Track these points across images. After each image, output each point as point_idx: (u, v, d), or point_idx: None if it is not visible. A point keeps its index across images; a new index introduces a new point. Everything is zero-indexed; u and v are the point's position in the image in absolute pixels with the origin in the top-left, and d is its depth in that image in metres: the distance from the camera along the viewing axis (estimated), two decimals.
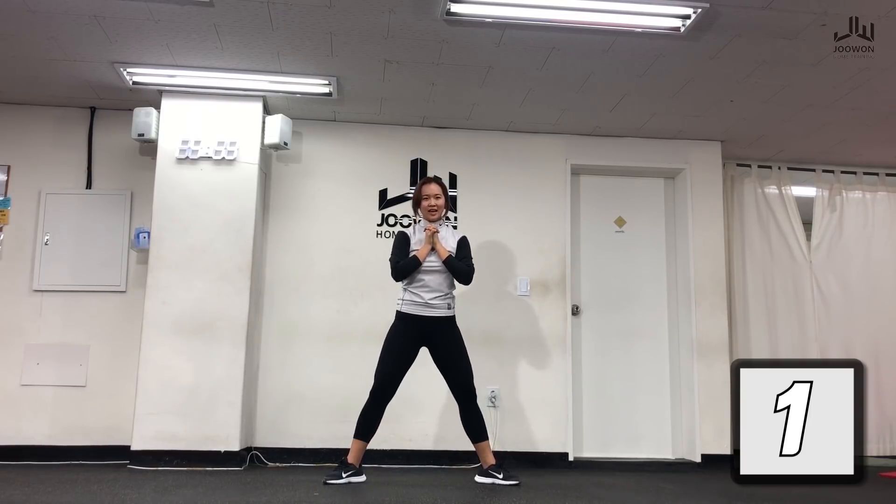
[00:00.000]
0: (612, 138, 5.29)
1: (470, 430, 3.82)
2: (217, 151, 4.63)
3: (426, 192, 3.94)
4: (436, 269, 3.83)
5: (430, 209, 3.91)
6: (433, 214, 3.91)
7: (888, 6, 3.46)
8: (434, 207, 3.91)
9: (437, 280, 3.83)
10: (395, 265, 3.84)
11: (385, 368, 3.77)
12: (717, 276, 5.21)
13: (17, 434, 4.59)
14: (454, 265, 3.82)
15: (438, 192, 3.94)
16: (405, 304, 3.84)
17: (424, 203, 3.93)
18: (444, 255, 3.81)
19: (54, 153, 4.91)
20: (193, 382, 4.41)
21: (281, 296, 4.88)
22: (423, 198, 3.94)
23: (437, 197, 3.92)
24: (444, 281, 3.85)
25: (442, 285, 3.84)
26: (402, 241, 3.92)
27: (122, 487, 3.53)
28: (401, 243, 3.91)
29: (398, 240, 3.94)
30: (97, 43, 4.04)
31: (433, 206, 3.91)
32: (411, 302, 3.82)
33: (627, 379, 5.22)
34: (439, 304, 3.82)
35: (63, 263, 4.79)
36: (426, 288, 3.81)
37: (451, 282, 3.88)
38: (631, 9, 3.58)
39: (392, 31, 3.83)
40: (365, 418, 3.75)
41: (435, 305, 3.81)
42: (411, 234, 3.95)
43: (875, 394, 5.37)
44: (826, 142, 5.28)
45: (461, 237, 3.99)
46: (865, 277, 5.61)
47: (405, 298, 3.85)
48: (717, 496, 3.67)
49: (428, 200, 3.92)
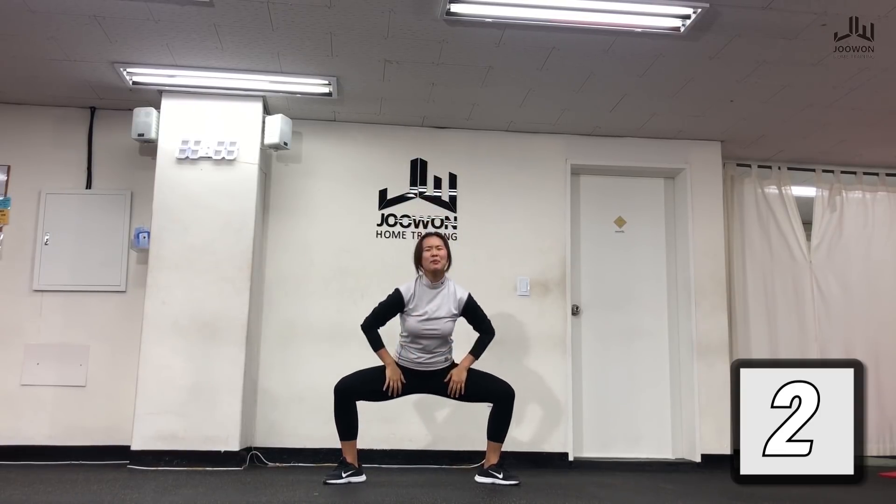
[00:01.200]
0: (612, 138, 5.29)
1: (493, 426, 3.82)
2: (217, 151, 4.63)
3: (427, 244, 3.85)
4: (435, 335, 3.78)
5: (433, 260, 3.80)
6: (436, 265, 3.81)
7: (888, 6, 3.46)
8: (437, 258, 3.81)
9: (434, 343, 3.81)
10: (365, 328, 3.84)
11: (361, 385, 3.78)
12: (717, 276, 5.21)
13: (17, 434, 4.59)
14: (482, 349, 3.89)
15: (440, 243, 3.86)
16: (401, 360, 3.85)
17: (427, 254, 3.82)
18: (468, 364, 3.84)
19: (54, 153, 4.91)
20: (193, 382, 4.41)
21: (281, 296, 4.88)
22: (426, 249, 3.84)
23: (439, 248, 3.83)
24: (443, 343, 3.83)
25: (440, 347, 3.83)
26: (391, 305, 3.82)
27: (122, 487, 3.53)
28: (389, 307, 3.83)
29: (389, 302, 3.83)
30: (97, 43, 4.04)
31: (435, 256, 3.80)
32: (407, 359, 3.83)
33: (627, 379, 5.22)
34: (435, 361, 3.84)
35: (63, 263, 4.79)
36: (423, 350, 3.80)
37: (447, 339, 3.85)
38: (631, 9, 3.58)
39: (392, 31, 3.83)
40: (341, 419, 3.74)
41: (431, 363, 3.83)
42: (406, 296, 3.81)
43: (875, 394, 5.37)
44: (826, 142, 5.28)
45: (467, 300, 3.87)
46: (865, 277, 5.61)
47: (401, 354, 3.85)
48: (717, 496, 3.67)
49: (430, 251, 3.82)
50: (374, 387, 3.80)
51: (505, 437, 3.84)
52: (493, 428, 3.82)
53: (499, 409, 3.81)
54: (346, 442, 3.75)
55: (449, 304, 3.82)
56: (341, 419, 3.73)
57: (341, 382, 3.76)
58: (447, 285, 3.88)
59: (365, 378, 3.81)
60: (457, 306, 3.85)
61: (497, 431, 3.81)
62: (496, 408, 3.82)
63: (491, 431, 3.82)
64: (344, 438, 3.75)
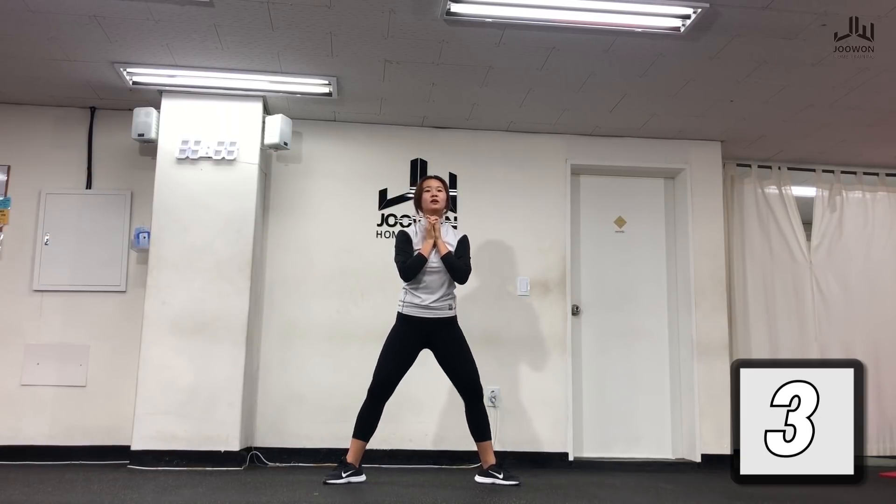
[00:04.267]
0: (612, 138, 5.29)
1: (474, 428, 3.82)
2: (217, 151, 4.63)
3: (427, 186, 3.96)
4: (436, 270, 3.82)
5: (432, 200, 3.90)
6: (435, 205, 3.91)
7: (888, 6, 3.46)
8: (437, 199, 3.91)
9: (437, 281, 3.82)
10: (402, 265, 3.83)
11: (384, 369, 3.78)
12: (717, 276, 5.21)
13: (17, 434, 4.59)
14: (452, 263, 3.82)
15: (440, 185, 3.96)
16: (406, 307, 3.83)
17: (426, 195, 3.92)
18: (444, 250, 3.81)
19: (54, 153, 4.91)
20: (193, 382, 4.41)
21: (281, 296, 4.88)
22: (425, 190, 3.94)
23: (439, 189, 3.94)
24: (446, 281, 3.84)
25: (443, 286, 3.83)
26: (404, 241, 3.91)
27: (122, 487, 3.53)
28: (404, 243, 3.90)
29: (400, 239, 3.93)
30: (97, 43, 4.04)
31: (435, 196, 3.91)
32: (412, 304, 3.81)
33: (627, 379, 5.22)
34: (440, 305, 3.82)
35: (63, 263, 4.79)
36: (427, 289, 3.81)
37: (451, 282, 3.87)
38: (631, 9, 3.58)
39: (392, 31, 3.83)
40: (363, 418, 3.75)
41: (436, 307, 3.80)
42: (412, 234, 3.94)
43: (875, 394, 5.37)
44: (826, 142, 5.28)
45: (462, 236, 3.99)
46: (865, 277, 5.61)
47: (406, 300, 3.84)
48: (717, 496, 3.67)
49: (430, 192, 3.92)
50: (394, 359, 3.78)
51: (490, 433, 3.83)
52: (476, 430, 3.82)
53: (472, 411, 3.81)
54: (359, 441, 3.75)
55: (448, 237, 3.92)
56: (365, 418, 3.74)
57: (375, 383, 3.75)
58: (446, 225, 4.03)
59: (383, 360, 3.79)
60: (454, 239, 3.94)
61: (481, 431, 3.81)
62: (469, 410, 3.82)
63: (476, 433, 3.82)
64: (358, 437, 3.74)
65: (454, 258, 3.84)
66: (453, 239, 3.94)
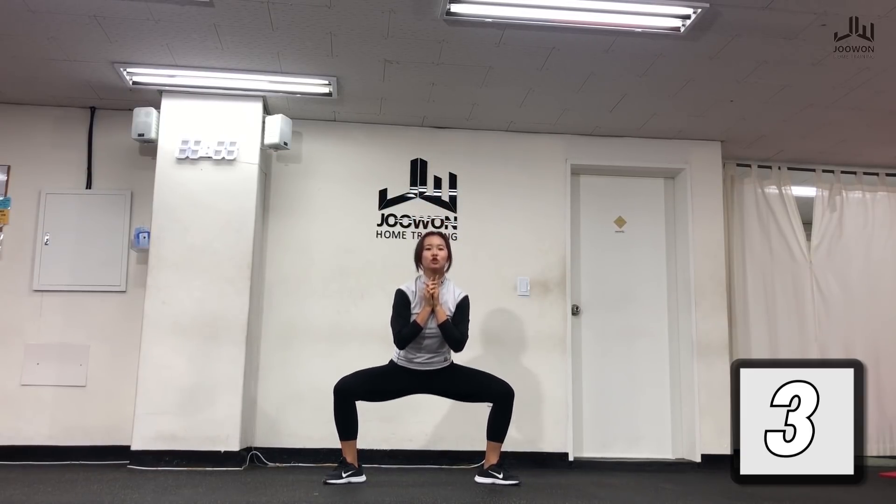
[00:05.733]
0: (612, 138, 5.29)
1: (493, 426, 3.80)
2: (217, 151, 4.63)
3: (428, 243, 3.84)
4: (433, 335, 3.74)
5: (433, 259, 3.79)
6: (435, 264, 3.80)
7: (888, 6, 3.46)
8: (437, 258, 3.79)
9: (434, 344, 3.77)
10: (398, 334, 3.73)
11: (360, 385, 3.76)
12: (717, 276, 5.21)
13: (17, 434, 4.59)
14: (449, 333, 3.70)
15: (441, 243, 3.84)
16: (400, 360, 3.82)
17: (427, 253, 3.81)
18: (441, 318, 3.69)
19: (54, 153, 4.91)
20: (193, 382, 4.41)
21: (281, 296, 4.88)
22: (426, 248, 3.83)
23: (440, 248, 3.82)
24: (443, 344, 3.78)
25: (440, 348, 3.79)
26: (402, 304, 3.78)
27: (122, 487, 3.53)
28: (401, 306, 3.78)
29: (398, 302, 3.80)
30: (97, 43, 4.04)
31: (436, 255, 3.79)
32: (406, 359, 3.80)
33: (627, 379, 5.22)
34: (436, 361, 3.81)
35: (63, 263, 4.79)
36: (423, 350, 3.77)
37: None
38: (631, 9, 3.58)
39: (392, 31, 3.83)
40: (340, 418, 3.72)
41: (431, 363, 3.80)
42: (410, 295, 3.81)
43: (875, 394, 5.37)
44: (826, 142, 5.28)
45: (462, 298, 3.84)
46: (865, 277, 5.60)
47: (401, 355, 3.81)
48: (717, 496, 3.67)
49: (430, 250, 3.80)
50: (373, 387, 3.80)
51: (505, 436, 3.83)
52: (492, 428, 3.81)
53: (498, 409, 3.79)
54: (346, 442, 3.75)
55: (448, 303, 3.81)
56: (340, 419, 3.72)
57: (341, 382, 3.75)
58: (447, 285, 3.87)
59: (365, 378, 3.81)
60: (454, 302, 3.83)
61: (497, 431, 3.80)
62: (496, 407, 3.80)
63: (491, 431, 3.81)
64: (343, 438, 3.75)
65: (451, 327, 3.72)
66: (452, 302, 3.81)
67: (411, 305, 3.78)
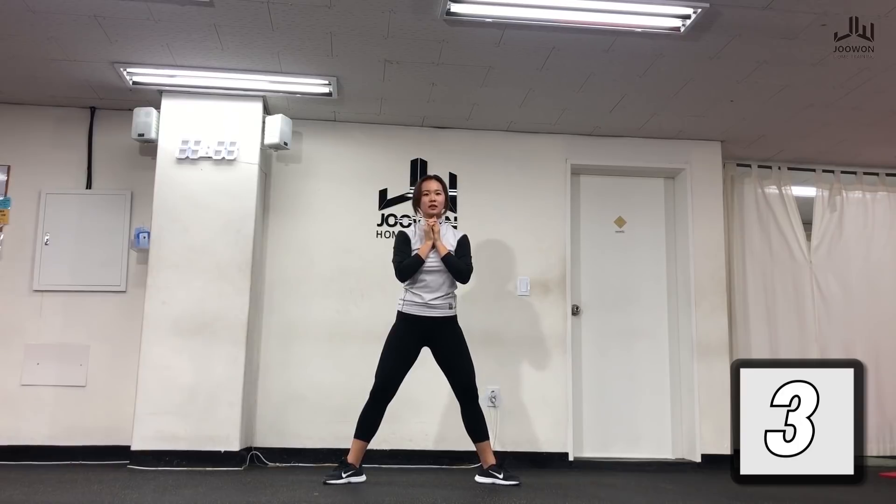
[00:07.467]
0: (612, 138, 5.29)
1: (471, 429, 3.83)
2: (217, 151, 4.63)
3: (426, 188, 3.95)
4: (436, 269, 3.82)
5: (430, 204, 3.91)
6: (433, 209, 3.91)
7: (888, 6, 3.46)
8: (434, 203, 3.91)
9: (438, 280, 3.82)
10: (399, 265, 3.84)
11: (386, 368, 3.78)
12: (717, 276, 5.21)
13: (17, 434, 4.59)
14: (452, 263, 3.82)
15: (438, 188, 3.95)
16: (406, 305, 3.84)
17: (425, 199, 3.93)
18: (443, 251, 3.81)
19: (54, 153, 4.91)
20: (193, 382, 4.41)
21: (281, 296, 4.88)
22: (424, 193, 3.95)
23: (438, 193, 3.93)
24: (446, 280, 3.84)
25: (443, 285, 3.83)
26: (403, 242, 3.92)
27: (122, 487, 3.53)
28: (402, 243, 3.91)
29: (399, 240, 3.94)
30: (97, 43, 4.04)
31: (433, 200, 3.91)
32: (412, 303, 3.82)
33: (627, 379, 5.22)
34: (440, 304, 3.82)
35: (63, 263, 4.79)
36: (427, 288, 3.81)
37: (452, 281, 3.87)
38: (631, 9, 3.58)
39: (392, 31, 3.83)
40: (365, 418, 3.75)
41: (436, 306, 3.81)
42: (411, 234, 3.95)
43: (875, 394, 5.37)
44: (826, 142, 5.28)
45: (461, 235, 3.99)
46: (865, 277, 5.60)
47: (406, 299, 3.85)
48: (717, 496, 3.67)
49: (428, 196, 3.92)
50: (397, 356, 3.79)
51: (487, 433, 3.83)
52: (471, 431, 3.82)
53: (467, 412, 3.81)
54: (360, 441, 3.75)
55: (448, 236, 3.92)
56: (367, 418, 3.74)
57: (377, 383, 3.75)
58: (446, 226, 4.03)
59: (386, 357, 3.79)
60: (454, 239, 3.93)
61: (477, 432, 3.81)
62: (465, 411, 3.81)
63: (473, 434, 3.82)
64: (360, 437, 3.74)
65: (454, 258, 3.84)
66: (453, 239, 3.94)
67: (412, 243, 3.88)
